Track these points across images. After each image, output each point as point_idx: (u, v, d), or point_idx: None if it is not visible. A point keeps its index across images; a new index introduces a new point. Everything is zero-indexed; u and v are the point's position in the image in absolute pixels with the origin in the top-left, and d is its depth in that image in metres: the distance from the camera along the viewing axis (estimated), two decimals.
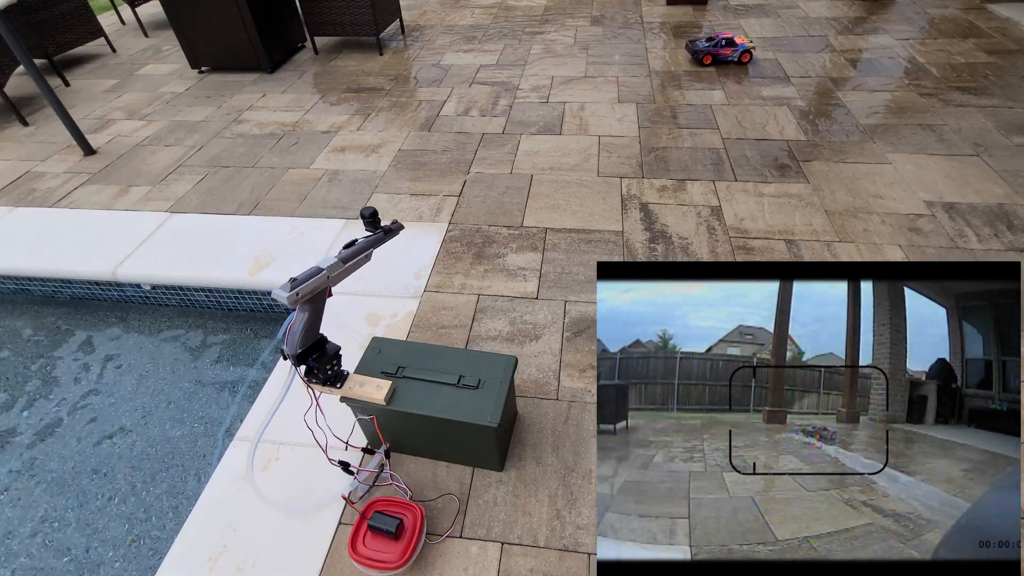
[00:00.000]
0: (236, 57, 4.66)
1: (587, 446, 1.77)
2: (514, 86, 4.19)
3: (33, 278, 2.75)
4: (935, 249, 2.43)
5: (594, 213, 2.78)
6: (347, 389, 1.53)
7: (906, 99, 3.61)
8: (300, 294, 1.27)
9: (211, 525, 1.64)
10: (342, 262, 1.35)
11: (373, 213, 1.38)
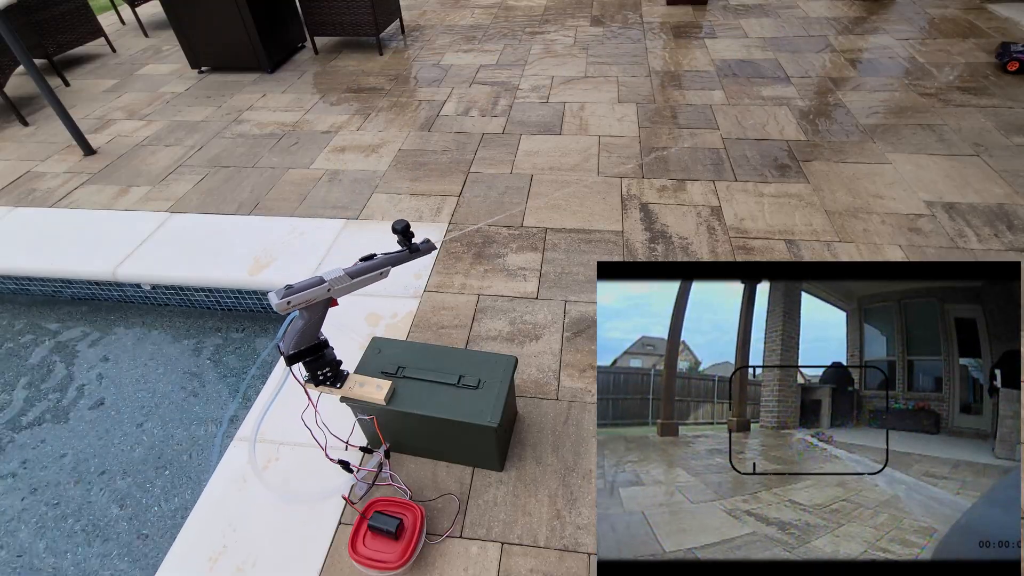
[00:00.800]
0: (236, 57, 4.66)
1: (587, 446, 1.77)
2: (514, 86, 4.19)
3: (33, 278, 2.75)
4: (935, 249, 2.43)
5: (594, 213, 2.78)
6: (347, 389, 1.53)
7: (906, 99, 3.61)
8: (291, 303, 1.25)
9: (211, 525, 1.64)
10: (349, 276, 1.33)
11: (405, 228, 1.31)
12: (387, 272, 1.38)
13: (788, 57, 4.34)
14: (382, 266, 1.36)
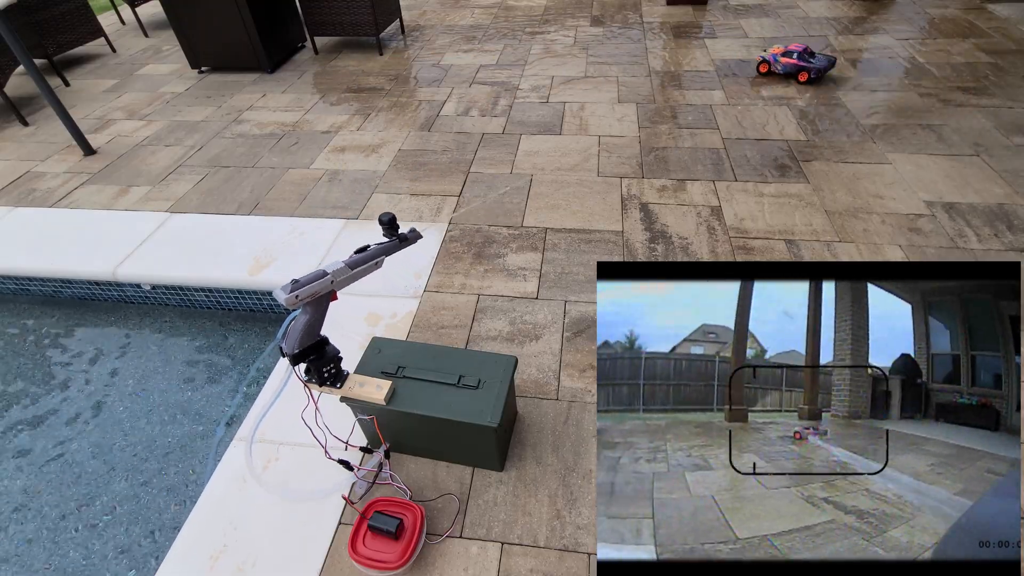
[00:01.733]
0: (236, 57, 4.66)
1: (587, 446, 1.77)
2: (514, 86, 4.19)
3: (33, 278, 2.75)
4: (935, 249, 2.43)
5: (594, 213, 2.78)
6: (347, 389, 1.53)
7: (906, 99, 3.61)
8: (300, 296, 1.26)
9: (212, 524, 1.64)
10: (349, 268, 1.34)
11: (392, 219, 1.35)
12: (381, 262, 1.41)
13: None
14: (377, 256, 1.39)
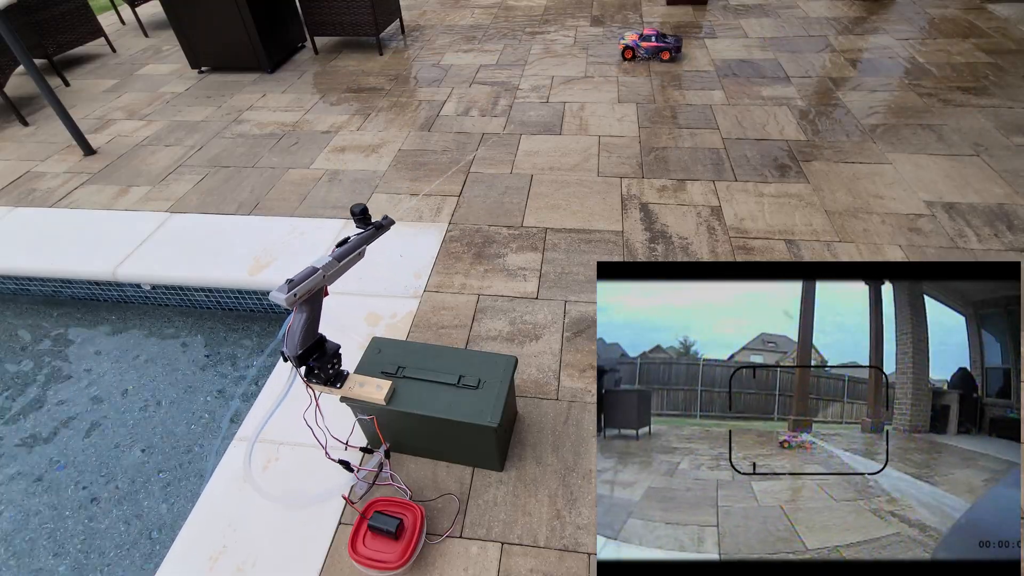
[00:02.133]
0: (236, 57, 4.66)
1: (587, 446, 1.77)
2: (514, 86, 4.19)
3: (33, 278, 2.75)
4: (935, 249, 2.43)
5: (594, 213, 2.78)
6: (347, 389, 1.53)
7: (906, 99, 3.61)
8: (298, 295, 1.27)
9: (211, 524, 1.64)
10: (336, 260, 1.35)
11: (363, 210, 1.37)
12: (364, 252, 1.42)
13: (788, 57, 4.34)
14: (359, 246, 1.40)
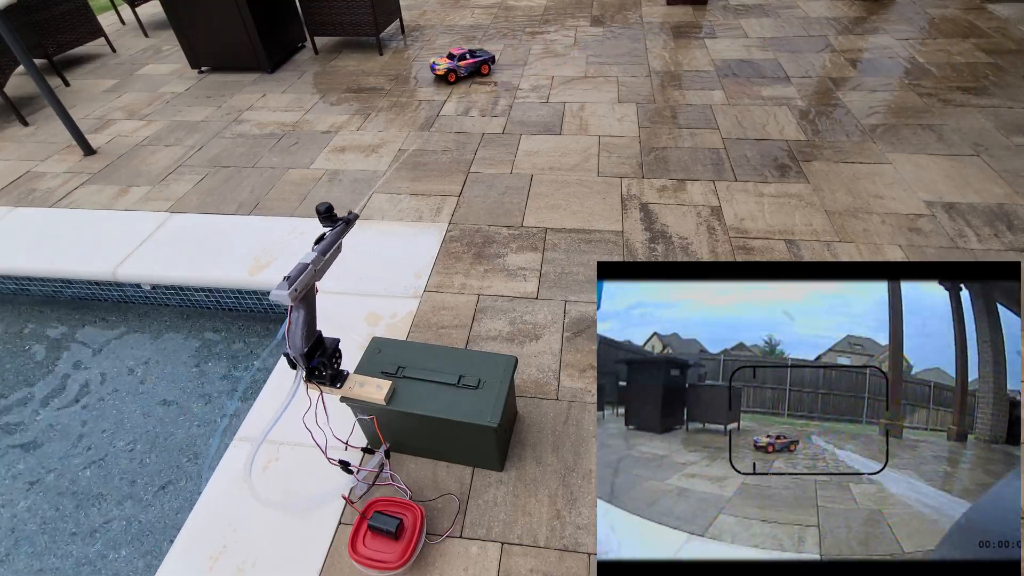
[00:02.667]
0: (236, 57, 4.66)
1: (587, 446, 1.77)
2: (514, 86, 4.19)
3: (33, 278, 2.75)
4: (935, 249, 2.43)
5: (594, 213, 2.78)
6: (347, 389, 1.53)
7: (906, 99, 3.61)
8: (298, 290, 1.28)
9: (211, 524, 1.64)
10: (321, 255, 1.36)
11: (328, 208, 1.38)
12: (340, 246, 1.42)
13: (788, 57, 4.34)
14: (336, 240, 1.40)
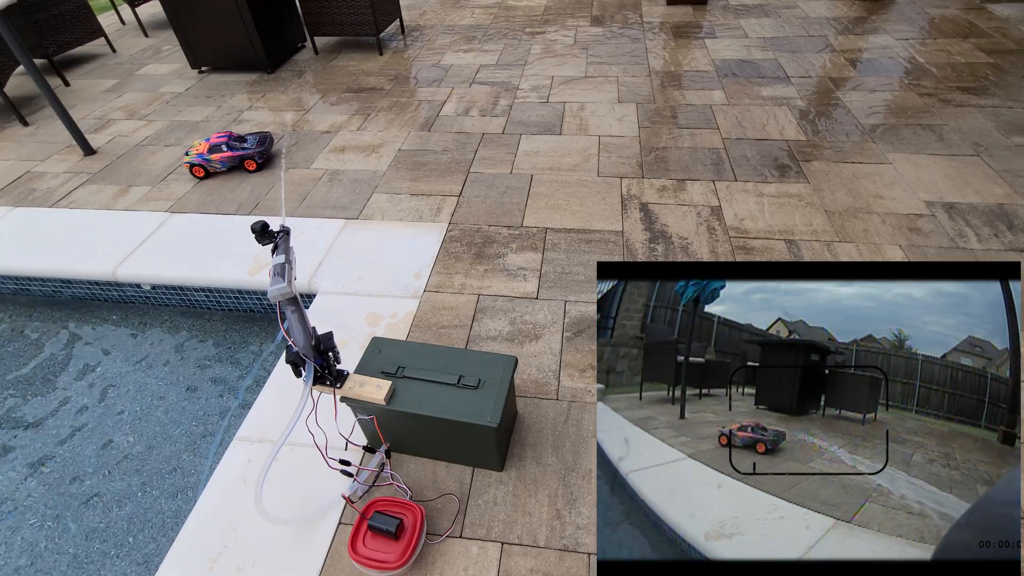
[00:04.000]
0: (236, 57, 4.66)
1: (587, 446, 1.77)
2: (514, 86, 4.19)
3: (33, 278, 2.75)
4: (935, 249, 2.43)
5: (594, 213, 2.78)
6: (347, 389, 1.53)
7: (906, 99, 3.61)
8: (291, 283, 1.29)
9: (211, 525, 1.64)
10: (286, 255, 1.35)
11: (264, 226, 1.35)
12: (293, 250, 1.40)
13: (788, 57, 4.33)
14: (288, 245, 1.38)
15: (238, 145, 3.30)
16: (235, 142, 3.31)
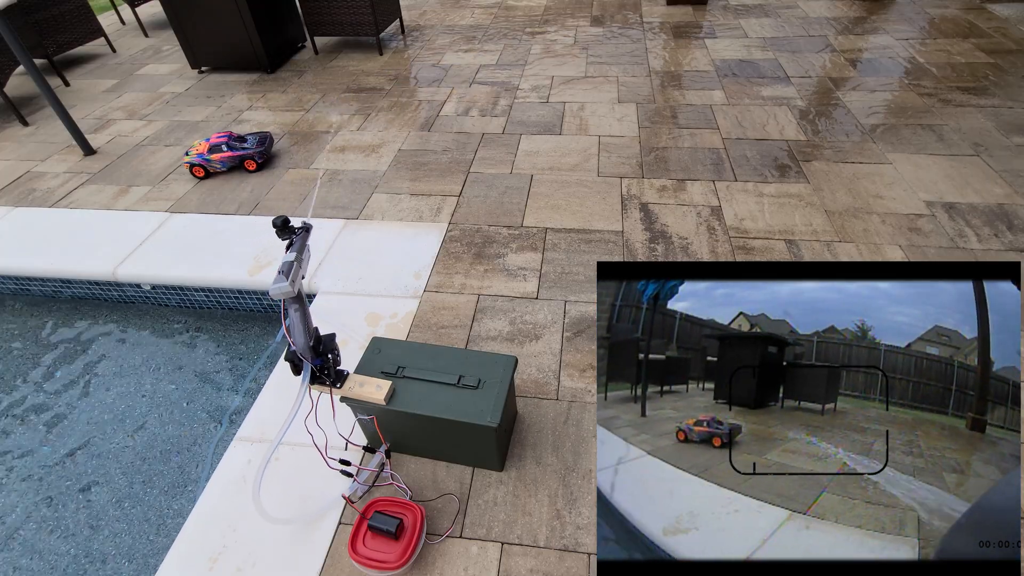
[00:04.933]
0: (236, 57, 4.66)
1: (587, 446, 1.77)
2: (514, 86, 4.19)
3: (33, 278, 2.75)
4: (935, 249, 2.43)
5: (594, 213, 2.78)
6: (347, 389, 1.53)
7: (906, 99, 3.61)
8: (294, 281, 1.29)
9: (211, 525, 1.64)
10: (299, 253, 1.36)
11: (285, 221, 1.37)
12: (309, 249, 1.42)
13: (788, 57, 4.33)
14: (304, 245, 1.40)
15: (238, 145, 3.30)
16: (235, 142, 3.30)
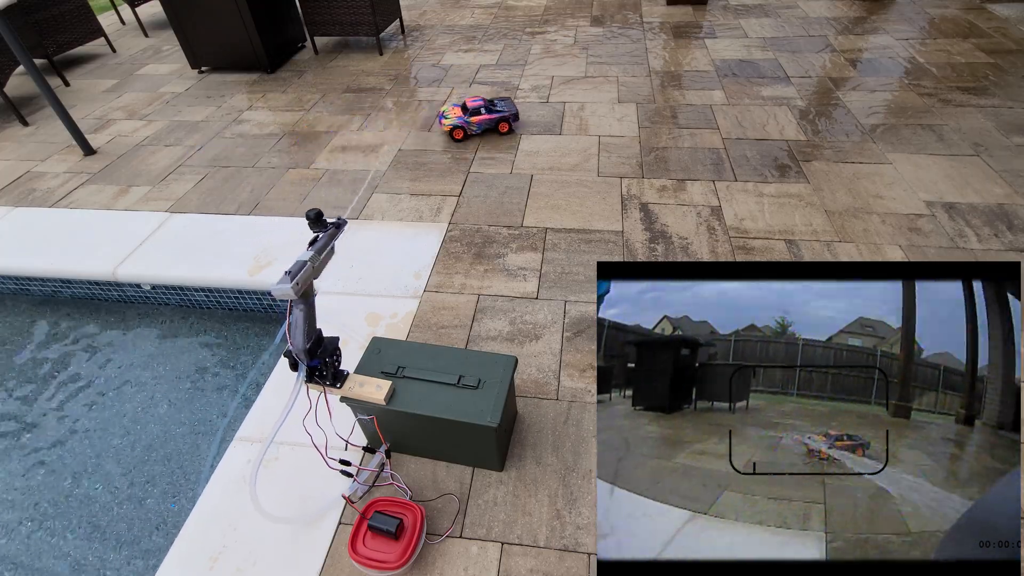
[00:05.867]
0: (236, 57, 4.66)
1: (587, 446, 1.77)
2: (514, 86, 4.19)
3: (33, 278, 2.75)
4: (935, 249, 2.43)
5: (594, 213, 2.78)
6: (347, 389, 1.53)
7: (906, 99, 3.61)
8: (299, 284, 1.29)
9: (212, 525, 1.64)
10: (317, 254, 1.36)
11: (319, 214, 1.38)
12: (334, 248, 1.43)
13: (788, 57, 4.33)
14: (329, 243, 1.41)
15: (495, 108, 3.47)
16: (489, 106, 3.47)
